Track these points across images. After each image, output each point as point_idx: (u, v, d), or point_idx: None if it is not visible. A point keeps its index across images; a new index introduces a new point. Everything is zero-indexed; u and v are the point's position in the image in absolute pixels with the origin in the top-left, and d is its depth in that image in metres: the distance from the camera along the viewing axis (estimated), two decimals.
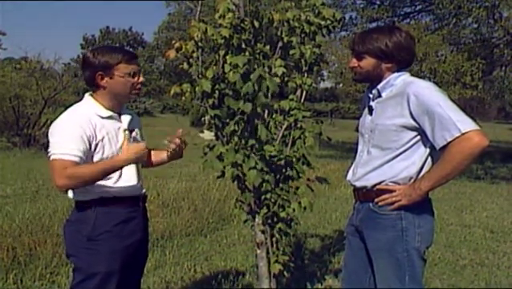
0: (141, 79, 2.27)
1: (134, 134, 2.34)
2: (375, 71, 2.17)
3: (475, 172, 11.23)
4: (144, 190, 2.39)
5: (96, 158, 2.18)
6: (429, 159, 2.10)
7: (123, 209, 2.25)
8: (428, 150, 2.08)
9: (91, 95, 2.26)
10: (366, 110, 2.28)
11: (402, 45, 2.13)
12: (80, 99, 2.29)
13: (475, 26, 13.97)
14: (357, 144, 2.33)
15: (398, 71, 2.17)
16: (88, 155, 2.15)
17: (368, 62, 2.16)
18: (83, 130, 2.11)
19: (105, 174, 2.15)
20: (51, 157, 2.10)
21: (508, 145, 20.23)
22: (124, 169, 2.24)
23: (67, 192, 2.21)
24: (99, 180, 2.14)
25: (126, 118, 2.31)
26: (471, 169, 11.14)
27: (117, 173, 2.22)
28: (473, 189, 9.03)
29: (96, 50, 2.23)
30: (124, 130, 2.27)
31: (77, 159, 2.08)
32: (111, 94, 2.22)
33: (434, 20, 15.64)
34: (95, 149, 2.16)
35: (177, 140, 2.37)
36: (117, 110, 2.28)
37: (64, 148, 2.08)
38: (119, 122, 2.27)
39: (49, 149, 2.13)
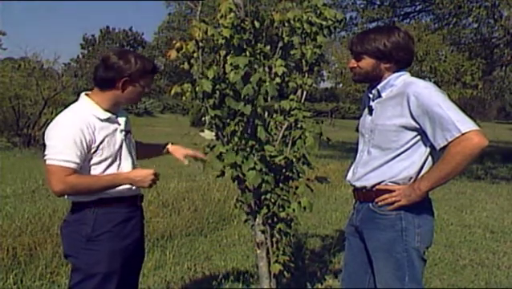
0: (146, 89, 2.30)
1: (129, 135, 2.35)
2: (375, 72, 2.17)
3: (475, 172, 11.23)
4: (140, 190, 2.39)
5: (95, 160, 2.18)
6: (429, 159, 2.10)
7: (123, 209, 2.26)
8: (427, 150, 2.09)
9: (87, 94, 2.25)
10: (366, 110, 2.28)
11: (400, 45, 2.13)
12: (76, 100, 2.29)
13: (475, 25, 13.96)
14: (357, 144, 2.33)
15: (398, 71, 2.17)
16: (86, 158, 2.15)
17: (367, 62, 2.16)
18: (82, 134, 2.11)
19: (104, 189, 2.18)
20: (49, 162, 2.09)
21: (508, 145, 20.23)
22: (123, 169, 2.25)
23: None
24: (96, 192, 2.17)
25: (122, 119, 2.31)
26: (471, 169, 11.13)
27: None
28: (473, 188, 9.03)
29: (130, 54, 2.22)
30: (121, 131, 2.27)
31: (75, 166, 2.10)
32: (123, 99, 2.23)
33: (434, 20, 15.64)
34: (94, 152, 2.16)
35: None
36: (114, 111, 2.27)
37: (63, 153, 2.08)
38: (116, 123, 2.27)
39: (46, 152, 2.12)
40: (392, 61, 2.14)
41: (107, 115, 2.22)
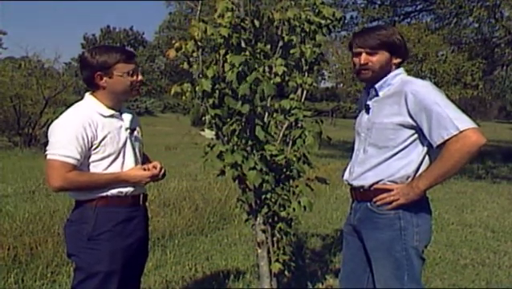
0: (140, 77, 2.28)
1: (135, 133, 2.35)
2: (387, 66, 2.17)
3: (476, 171, 11.21)
4: (144, 189, 2.39)
5: (98, 157, 2.19)
6: (427, 157, 2.10)
7: (124, 208, 2.26)
8: (425, 149, 2.09)
9: (91, 94, 2.27)
10: (363, 109, 2.28)
11: (404, 41, 2.20)
12: (81, 99, 2.30)
13: (476, 25, 13.96)
14: (354, 143, 2.33)
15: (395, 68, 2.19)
16: (87, 155, 2.16)
17: (382, 56, 2.15)
18: (84, 131, 2.12)
19: (103, 187, 2.19)
20: (50, 157, 2.11)
21: (509, 145, 20.20)
22: (127, 167, 2.25)
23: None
24: (95, 190, 2.18)
25: (127, 117, 2.31)
26: (472, 169, 11.12)
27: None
28: (474, 188, 9.02)
29: (94, 50, 2.24)
30: (126, 129, 2.28)
31: (75, 162, 2.11)
32: (112, 93, 2.23)
33: (435, 20, 15.64)
34: (96, 148, 2.17)
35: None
36: (118, 108, 2.29)
37: (64, 149, 2.10)
38: (120, 121, 2.28)
39: (48, 147, 2.14)
40: (401, 56, 2.19)
41: (111, 112, 2.24)
